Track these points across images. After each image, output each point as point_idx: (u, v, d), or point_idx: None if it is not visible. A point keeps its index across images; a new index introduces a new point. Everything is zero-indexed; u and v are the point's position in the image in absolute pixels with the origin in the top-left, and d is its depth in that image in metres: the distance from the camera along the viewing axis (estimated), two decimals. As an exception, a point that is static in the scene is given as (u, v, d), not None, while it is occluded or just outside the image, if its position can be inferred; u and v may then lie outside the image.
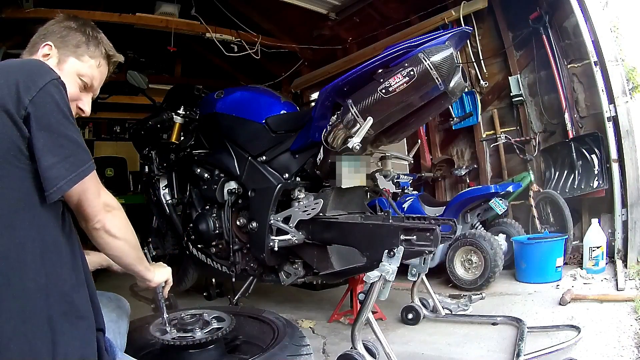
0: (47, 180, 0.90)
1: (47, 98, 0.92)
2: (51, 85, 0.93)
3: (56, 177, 0.91)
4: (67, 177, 0.93)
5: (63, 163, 0.92)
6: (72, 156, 0.94)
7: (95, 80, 1.18)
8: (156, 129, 2.82)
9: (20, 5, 3.66)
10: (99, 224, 1.03)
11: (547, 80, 3.55)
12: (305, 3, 4.30)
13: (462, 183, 4.09)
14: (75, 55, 1.13)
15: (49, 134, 0.91)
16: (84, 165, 0.96)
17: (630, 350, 1.69)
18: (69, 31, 1.14)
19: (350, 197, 2.25)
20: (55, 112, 0.93)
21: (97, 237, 1.05)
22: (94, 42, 1.17)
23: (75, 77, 1.13)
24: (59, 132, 0.93)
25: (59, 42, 1.13)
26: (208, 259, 2.55)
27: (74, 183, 0.94)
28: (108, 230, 1.05)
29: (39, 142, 0.90)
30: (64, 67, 1.12)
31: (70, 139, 0.95)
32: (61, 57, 1.12)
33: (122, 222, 1.10)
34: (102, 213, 1.03)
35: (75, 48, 1.14)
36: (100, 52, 1.18)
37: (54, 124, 0.92)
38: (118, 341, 1.18)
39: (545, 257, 2.80)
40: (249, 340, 1.63)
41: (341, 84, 1.79)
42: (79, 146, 0.97)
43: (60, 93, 0.95)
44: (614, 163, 2.88)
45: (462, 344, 2.00)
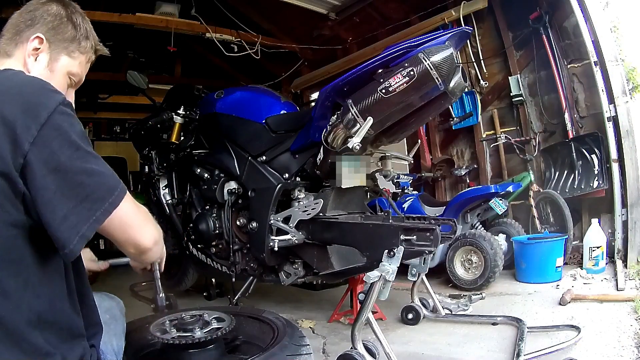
0: (66, 232, 0.76)
1: (54, 133, 0.78)
2: (57, 115, 0.79)
3: (76, 224, 0.77)
4: (91, 218, 0.79)
5: (84, 203, 0.79)
6: (96, 191, 0.81)
7: (83, 76, 1.10)
8: (156, 129, 2.82)
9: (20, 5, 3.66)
10: (149, 241, 0.93)
11: (547, 80, 3.55)
12: (305, 3, 4.30)
13: (462, 183, 4.09)
14: (67, 52, 1.03)
15: (60, 176, 0.77)
16: (111, 196, 0.83)
17: (630, 350, 1.69)
18: (60, 21, 1.02)
19: (350, 197, 2.25)
20: (65, 147, 0.78)
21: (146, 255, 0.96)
22: (84, 34, 1.06)
23: (66, 77, 1.04)
24: (74, 169, 0.79)
25: (50, 34, 1.00)
26: (208, 259, 2.55)
27: (100, 223, 0.81)
28: (157, 241, 0.97)
29: (49, 191, 0.76)
30: (55, 67, 1.02)
31: (90, 172, 0.81)
32: (53, 54, 1.01)
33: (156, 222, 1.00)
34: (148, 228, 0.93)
35: (67, 43, 1.03)
36: (90, 46, 1.08)
37: (65, 162, 0.78)
38: (114, 343, 1.15)
39: (545, 257, 2.80)
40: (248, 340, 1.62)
41: (341, 84, 1.79)
42: (103, 175, 0.84)
43: (68, 119, 0.81)
44: (614, 163, 2.88)
45: (462, 344, 2.00)
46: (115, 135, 7.01)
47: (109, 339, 1.14)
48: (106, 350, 1.11)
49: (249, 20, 4.81)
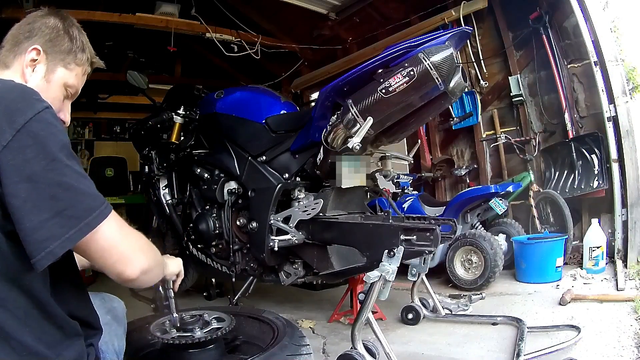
0: (33, 245, 0.74)
1: (28, 140, 0.75)
2: (34, 122, 0.77)
3: (45, 239, 0.74)
4: (63, 236, 0.75)
5: (57, 219, 0.75)
6: (70, 208, 0.77)
7: (79, 88, 1.10)
8: (156, 129, 2.82)
9: (20, 5, 3.66)
10: (134, 273, 0.86)
11: (547, 80, 3.55)
12: (305, 3, 4.30)
13: (462, 183, 4.09)
14: (63, 64, 1.04)
15: (32, 186, 0.74)
16: (88, 216, 0.79)
17: (630, 350, 1.69)
18: (57, 33, 1.04)
19: (350, 197, 2.25)
20: (40, 156, 0.75)
21: (132, 284, 0.89)
22: (80, 47, 1.08)
23: (62, 88, 1.04)
24: (47, 180, 0.76)
25: (48, 46, 1.02)
26: (208, 259, 2.55)
27: (73, 243, 0.77)
28: (146, 271, 0.89)
29: (18, 199, 0.73)
30: (52, 78, 1.02)
31: (66, 187, 0.77)
32: (50, 65, 1.02)
33: (151, 251, 0.95)
34: (135, 259, 0.87)
35: (64, 55, 1.04)
36: (86, 59, 1.09)
37: (38, 172, 0.75)
38: (115, 344, 1.16)
39: (545, 257, 2.80)
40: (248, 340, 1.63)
41: (341, 84, 1.79)
42: (81, 193, 0.79)
43: (47, 127, 0.78)
44: (614, 163, 2.88)
45: (462, 344, 2.00)
46: (115, 135, 7.01)
47: (110, 339, 1.14)
48: (107, 350, 1.11)
49: (249, 20, 4.81)
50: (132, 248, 0.88)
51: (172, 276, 1.21)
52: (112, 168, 6.07)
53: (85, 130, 6.80)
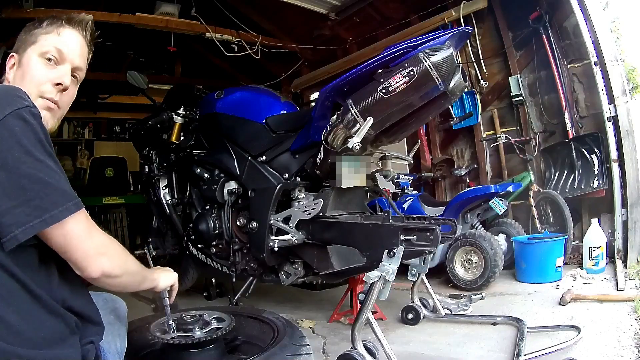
0: (1, 227, 0.79)
1: (4, 133, 0.80)
2: (11, 118, 0.82)
3: (11, 225, 0.79)
4: (27, 224, 0.80)
5: (23, 207, 0.80)
6: (36, 199, 0.82)
7: (64, 47, 1.06)
8: (156, 129, 2.82)
9: (20, 5, 3.66)
10: (96, 273, 0.91)
11: (547, 80, 3.55)
12: (305, 3, 4.30)
13: (462, 183, 4.09)
14: (31, 44, 1.05)
15: (4, 175, 0.79)
16: (54, 209, 0.83)
17: (630, 350, 1.69)
18: (28, 32, 1.07)
19: (350, 197, 2.25)
20: (14, 149, 0.81)
21: (97, 283, 0.94)
22: (47, 21, 1.07)
23: (37, 59, 1.03)
24: (18, 171, 0.81)
25: (19, 45, 1.06)
26: (208, 259, 2.55)
27: (36, 230, 0.82)
28: (108, 275, 0.94)
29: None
30: (22, 61, 1.04)
31: (35, 180, 0.82)
32: (20, 55, 1.05)
33: (120, 259, 0.98)
34: (97, 260, 0.91)
35: (31, 38, 1.05)
36: (56, 24, 1.06)
37: (11, 162, 0.80)
38: (117, 344, 1.16)
39: (545, 257, 2.80)
40: (248, 340, 1.63)
41: (341, 84, 1.79)
42: (48, 186, 0.83)
43: (24, 125, 0.83)
44: (614, 163, 2.88)
45: (462, 344, 2.00)
46: (115, 135, 7.01)
47: (113, 339, 1.14)
48: (109, 350, 1.11)
49: (249, 20, 4.81)
50: (95, 249, 0.91)
51: (167, 288, 1.23)
52: (112, 168, 6.06)
53: (85, 130, 6.80)
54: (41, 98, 1.02)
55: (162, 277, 1.22)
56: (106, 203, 5.52)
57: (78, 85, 1.14)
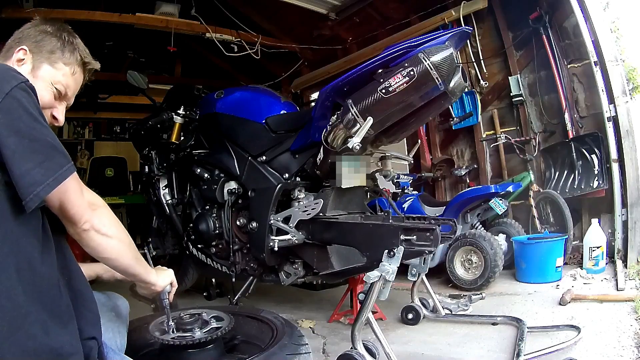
0: (23, 189, 0.86)
1: (14, 103, 0.88)
2: (17, 90, 0.89)
3: (32, 184, 0.86)
4: (44, 182, 0.88)
5: (38, 169, 0.88)
6: (47, 160, 0.90)
7: (70, 88, 1.15)
8: (156, 129, 2.82)
9: (20, 5, 3.66)
10: (87, 224, 0.99)
11: (547, 80, 3.55)
12: (305, 3, 4.30)
13: (462, 183, 4.09)
14: (49, 62, 1.10)
15: (19, 140, 0.87)
16: (60, 169, 0.92)
17: (630, 350, 1.69)
18: (44, 35, 1.11)
19: (350, 197, 2.25)
20: (24, 117, 0.89)
21: (88, 240, 1.01)
22: (69, 47, 1.13)
23: (49, 85, 1.10)
24: (31, 136, 0.89)
25: (34, 46, 1.10)
26: (208, 259, 2.55)
27: (52, 188, 0.90)
28: (98, 230, 1.01)
29: (9, 150, 0.86)
30: (38, 74, 1.09)
31: (44, 143, 0.91)
32: (35, 63, 1.09)
33: (111, 219, 1.07)
34: (88, 212, 1.00)
35: (50, 54, 1.11)
36: (75, 59, 1.14)
37: (24, 128, 0.88)
38: (118, 341, 1.16)
39: (545, 257, 2.80)
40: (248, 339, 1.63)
41: (341, 84, 1.79)
42: (55, 149, 0.92)
43: (28, 97, 0.91)
44: (614, 163, 2.88)
45: (462, 344, 2.00)
46: (115, 135, 7.01)
47: (114, 336, 1.15)
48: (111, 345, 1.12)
49: (249, 20, 4.81)
50: (88, 203, 1.01)
51: (166, 287, 1.26)
52: (112, 168, 6.07)
53: (85, 130, 6.80)
54: None
55: (161, 276, 1.24)
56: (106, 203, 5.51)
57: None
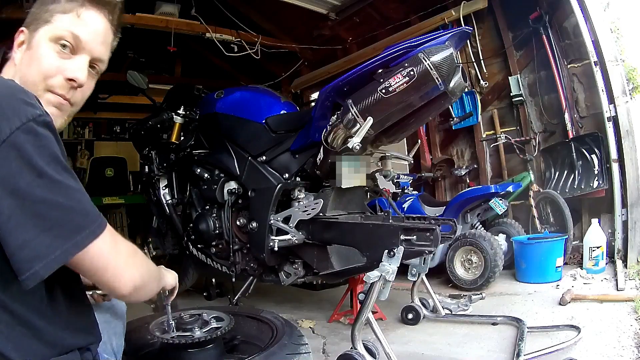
0: (18, 264, 0.68)
1: (12, 153, 0.67)
2: (19, 134, 0.68)
3: (30, 259, 0.68)
4: (48, 256, 0.69)
5: (42, 238, 0.69)
6: (56, 227, 0.70)
7: (82, 33, 0.89)
8: (156, 129, 2.82)
9: (20, 5, 3.66)
10: (127, 288, 0.82)
11: (547, 80, 3.55)
12: (305, 3, 4.30)
13: (462, 183, 4.09)
14: (44, 23, 0.88)
15: (16, 202, 0.68)
16: (76, 236, 0.72)
17: (630, 350, 1.69)
18: (43, 6, 0.90)
19: (350, 197, 2.25)
20: (25, 172, 0.68)
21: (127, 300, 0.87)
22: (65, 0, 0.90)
23: (49, 45, 0.87)
24: (32, 197, 0.69)
25: (30, 20, 0.90)
26: (208, 259, 2.55)
27: (58, 264, 0.71)
28: (139, 287, 0.85)
29: (3, 216, 0.67)
30: (32, 43, 0.88)
31: (52, 204, 0.70)
32: (31, 34, 0.89)
33: (144, 264, 0.89)
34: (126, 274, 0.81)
35: (45, 15, 0.88)
36: (77, 2, 0.89)
37: (24, 187, 0.68)
38: (114, 342, 1.15)
39: (545, 257, 2.80)
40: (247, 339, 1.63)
41: (341, 84, 1.79)
42: (70, 211, 0.72)
43: (36, 140, 0.70)
44: (614, 163, 2.88)
45: (462, 344, 2.00)
46: (115, 135, 7.00)
47: (109, 339, 1.13)
48: (105, 350, 1.09)
49: (249, 20, 4.81)
50: (125, 265, 0.82)
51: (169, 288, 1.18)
52: (112, 168, 6.06)
53: (85, 130, 6.80)
54: (50, 92, 0.87)
55: (167, 276, 1.15)
56: (106, 203, 5.51)
57: (96, 79, 1.00)
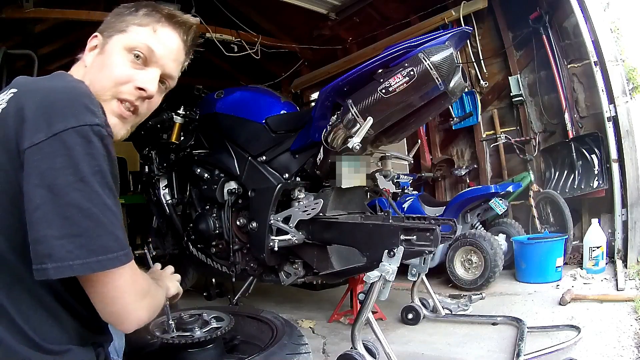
0: (33, 254, 0.67)
1: (60, 149, 0.67)
2: (72, 133, 0.68)
3: (45, 255, 0.66)
4: (64, 261, 0.67)
5: (64, 241, 0.66)
6: (83, 236, 0.68)
7: (157, 48, 0.91)
8: (156, 128, 2.81)
9: (20, 5, 3.65)
10: (132, 326, 0.78)
11: (547, 80, 3.55)
12: (305, 3, 4.30)
13: (462, 183, 4.09)
14: (119, 31, 0.91)
15: (50, 196, 0.66)
16: (102, 255, 0.69)
17: (630, 350, 1.69)
18: (119, 16, 0.94)
19: (350, 197, 2.25)
20: (67, 170, 0.67)
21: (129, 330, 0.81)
22: (144, 10, 0.93)
23: (124, 53, 0.89)
24: (67, 198, 0.67)
25: (105, 27, 0.94)
26: (208, 259, 2.55)
27: (73, 273, 0.68)
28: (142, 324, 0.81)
29: (32, 204, 0.66)
30: (106, 48, 0.90)
31: (85, 213, 0.68)
32: (105, 39, 0.92)
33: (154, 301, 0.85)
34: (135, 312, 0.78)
35: (120, 24, 0.92)
36: (154, 18, 0.92)
37: (61, 184, 0.67)
38: (115, 342, 1.15)
39: (545, 257, 2.80)
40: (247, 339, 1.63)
41: (341, 84, 1.79)
42: (101, 226, 0.69)
43: (87, 146, 0.69)
44: (614, 163, 2.88)
45: (462, 344, 2.00)
46: (115, 135, 7.00)
47: None
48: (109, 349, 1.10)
49: (249, 20, 4.80)
50: (135, 304, 0.78)
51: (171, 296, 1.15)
52: (112, 168, 6.05)
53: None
54: (117, 101, 0.89)
55: (171, 287, 1.12)
56: (106, 203, 5.50)
57: (164, 95, 1.01)
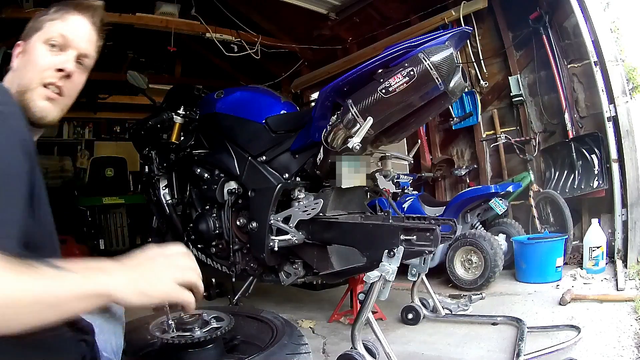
0: None
1: None
2: None
3: None
4: None
5: None
6: None
7: (69, 33, 1.04)
8: (156, 129, 2.82)
9: (20, 5, 3.66)
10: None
11: (547, 80, 3.55)
12: (305, 3, 4.30)
13: (462, 183, 4.09)
14: (36, 31, 1.03)
15: None
16: None
17: (630, 350, 1.69)
18: (35, 20, 1.05)
19: (350, 197, 2.25)
20: None
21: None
22: (54, 8, 1.04)
23: (41, 46, 1.02)
24: None
25: (25, 33, 1.05)
26: (208, 259, 2.55)
27: None
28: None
29: None
30: (27, 48, 1.03)
31: None
32: (26, 43, 1.04)
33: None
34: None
35: (38, 25, 1.04)
36: (63, 10, 1.05)
37: None
38: (113, 342, 1.14)
39: (545, 257, 2.80)
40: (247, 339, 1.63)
41: (341, 84, 1.79)
42: None
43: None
44: (614, 163, 2.88)
45: (462, 344, 2.00)
46: (115, 135, 7.00)
47: (109, 338, 1.13)
48: (105, 348, 1.10)
49: (249, 20, 4.81)
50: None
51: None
52: (112, 168, 6.05)
53: (85, 130, 6.80)
54: (43, 87, 1.01)
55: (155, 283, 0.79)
56: (106, 203, 5.51)
57: (86, 74, 1.11)
